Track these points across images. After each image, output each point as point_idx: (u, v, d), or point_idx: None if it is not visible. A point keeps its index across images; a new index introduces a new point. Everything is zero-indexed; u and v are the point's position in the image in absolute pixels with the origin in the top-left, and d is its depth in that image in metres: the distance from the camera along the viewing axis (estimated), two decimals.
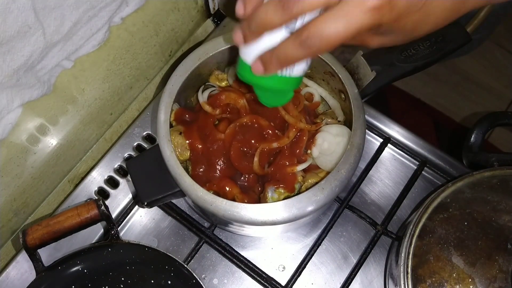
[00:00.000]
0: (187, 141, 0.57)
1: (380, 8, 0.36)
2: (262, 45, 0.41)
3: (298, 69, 0.44)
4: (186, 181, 0.53)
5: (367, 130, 0.69)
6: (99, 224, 0.62)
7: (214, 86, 0.63)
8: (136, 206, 0.68)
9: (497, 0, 0.45)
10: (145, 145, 0.72)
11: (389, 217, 0.66)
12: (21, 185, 0.62)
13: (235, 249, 0.65)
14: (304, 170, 0.57)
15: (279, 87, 0.45)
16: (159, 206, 0.67)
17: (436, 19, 0.41)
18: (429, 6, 0.39)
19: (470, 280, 0.52)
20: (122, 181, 0.70)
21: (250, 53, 0.43)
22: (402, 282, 0.55)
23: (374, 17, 0.36)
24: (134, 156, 0.70)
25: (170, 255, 0.60)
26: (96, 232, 0.66)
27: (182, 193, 0.55)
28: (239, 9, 0.41)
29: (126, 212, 0.67)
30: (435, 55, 0.60)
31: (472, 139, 0.64)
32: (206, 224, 0.66)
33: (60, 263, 0.59)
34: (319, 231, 0.67)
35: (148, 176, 0.56)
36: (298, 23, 0.39)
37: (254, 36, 0.41)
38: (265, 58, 0.42)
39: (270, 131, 0.57)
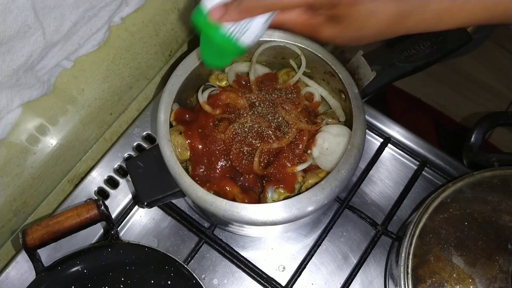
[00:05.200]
0: (187, 141, 0.57)
1: None
2: None
3: (248, 36, 0.49)
4: (186, 181, 0.53)
5: (367, 130, 0.69)
6: (99, 224, 0.62)
7: (214, 86, 0.63)
8: (136, 206, 0.68)
9: (440, 28, 0.50)
10: (145, 145, 0.72)
11: (389, 217, 0.66)
12: (21, 185, 0.62)
13: (235, 249, 0.65)
14: (304, 170, 0.57)
15: (223, 44, 0.49)
16: (159, 206, 0.67)
17: (382, 19, 0.47)
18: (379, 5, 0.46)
19: (470, 280, 0.52)
20: (122, 181, 0.70)
21: (213, 1, 0.48)
22: (402, 282, 0.55)
23: None
24: (134, 156, 0.70)
25: (170, 255, 0.59)
26: (96, 232, 0.66)
27: (182, 193, 0.55)
28: None
29: (126, 212, 0.67)
30: (436, 55, 0.60)
31: (472, 139, 0.64)
32: (206, 224, 0.66)
33: (60, 263, 0.59)
34: (319, 231, 0.67)
35: (148, 176, 0.56)
36: None
37: None
38: (228, 5, 0.47)
39: (270, 131, 0.57)
